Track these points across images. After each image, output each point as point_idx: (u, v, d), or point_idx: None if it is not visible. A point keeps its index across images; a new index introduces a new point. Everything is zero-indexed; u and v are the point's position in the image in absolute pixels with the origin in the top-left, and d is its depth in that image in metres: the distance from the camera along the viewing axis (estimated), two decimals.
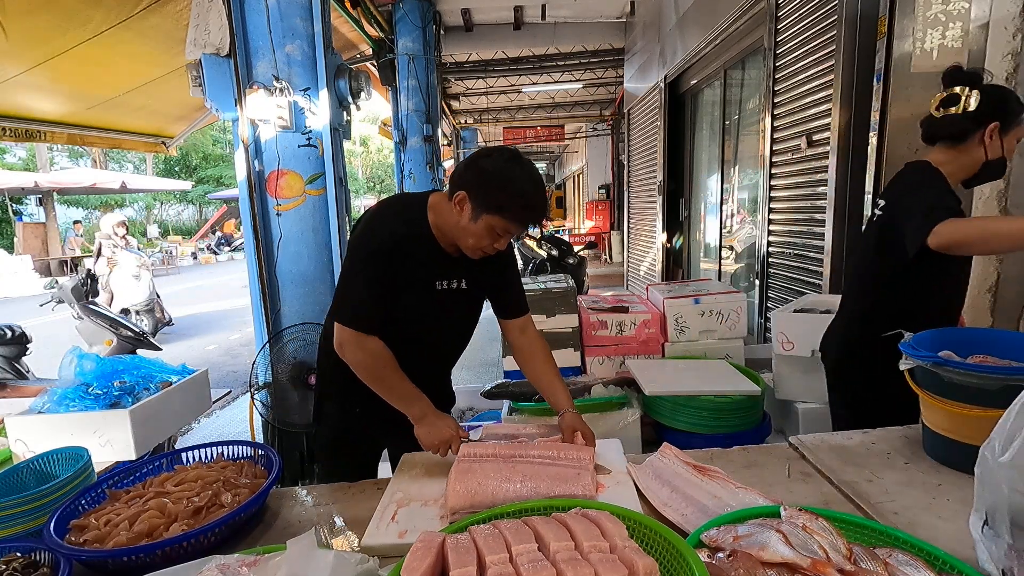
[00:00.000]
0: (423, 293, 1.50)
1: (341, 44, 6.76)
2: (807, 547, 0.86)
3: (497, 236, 1.41)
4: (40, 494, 1.18)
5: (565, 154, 23.65)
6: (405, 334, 1.50)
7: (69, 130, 4.73)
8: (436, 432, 1.42)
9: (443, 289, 1.52)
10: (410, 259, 1.44)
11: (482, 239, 1.41)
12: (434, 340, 1.60)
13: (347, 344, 1.43)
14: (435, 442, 1.42)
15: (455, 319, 1.61)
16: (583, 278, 8.19)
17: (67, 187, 16.02)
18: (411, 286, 1.47)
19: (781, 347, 2.07)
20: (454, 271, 1.52)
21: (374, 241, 1.43)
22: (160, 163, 26.50)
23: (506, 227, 1.39)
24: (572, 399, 1.55)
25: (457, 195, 1.39)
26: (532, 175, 1.40)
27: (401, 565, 0.82)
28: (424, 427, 1.44)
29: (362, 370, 1.45)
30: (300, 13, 2.96)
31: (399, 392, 1.46)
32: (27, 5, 3.12)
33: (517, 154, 1.44)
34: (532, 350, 1.65)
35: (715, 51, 4.80)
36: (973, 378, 1.13)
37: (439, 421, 1.45)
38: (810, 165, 3.15)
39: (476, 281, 1.58)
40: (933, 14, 2.41)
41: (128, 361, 2.01)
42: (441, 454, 1.44)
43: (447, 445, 1.42)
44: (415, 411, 1.46)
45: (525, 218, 1.40)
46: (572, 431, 1.44)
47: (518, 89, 11.90)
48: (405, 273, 1.44)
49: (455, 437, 1.42)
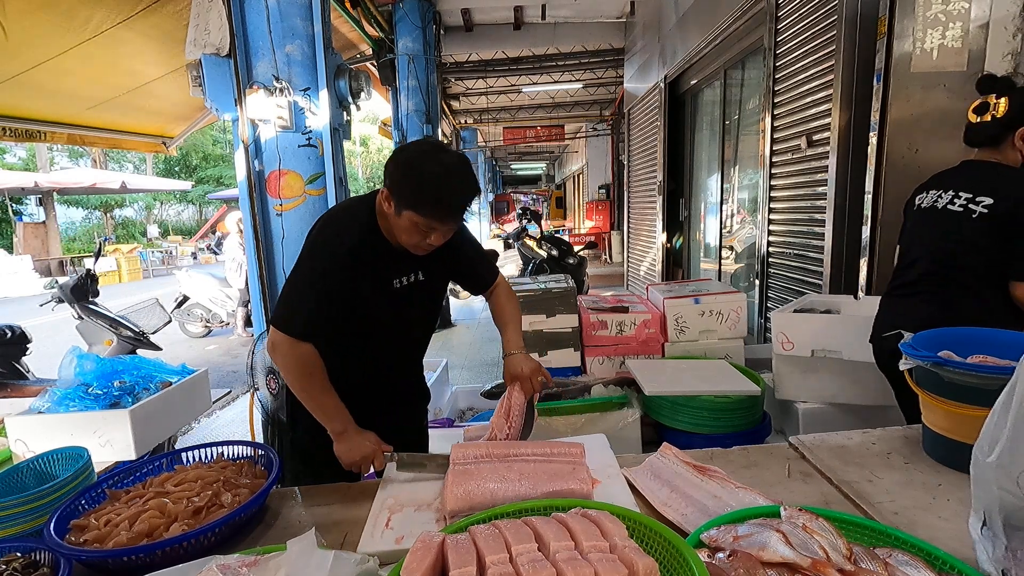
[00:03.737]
0: (381, 294, 1.48)
1: (341, 44, 6.76)
2: (807, 547, 0.86)
3: (423, 232, 1.36)
4: (40, 494, 1.18)
5: (565, 154, 23.65)
6: (370, 335, 1.51)
7: (69, 130, 4.73)
8: (356, 448, 1.40)
9: (401, 286, 1.50)
10: (363, 266, 1.42)
11: (412, 236, 1.37)
12: (400, 335, 1.59)
13: (279, 347, 1.40)
14: (355, 458, 1.40)
15: (417, 312, 1.59)
16: (583, 278, 8.18)
17: (67, 187, 16.03)
18: (370, 290, 1.46)
19: (781, 347, 2.07)
20: (408, 266, 1.50)
21: (325, 254, 1.41)
22: (160, 163, 26.51)
23: (426, 223, 1.34)
24: (523, 342, 1.62)
25: (382, 192, 1.38)
26: (448, 166, 1.34)
27: (401, 565, 0.82)
28: (344, 443, 1.42)
29: (289, 376, 1.43)
30: (300, 13, 2.96)
31: (321, 404, 1.43)
32: (27, 5, 3.12)
33: (437, 145, 1.41)
34: (498, 305, 1.72)
35: (715, 51, 4.80)
36: (973, 378, 1.13)
37: (358, 437, 1.42)
38: (810, 165, 3.15)
39: (432, 271, 1.56)
40: (933, 14, 2.41)
41: (128, 361, 2.01)
42: (362, 471, 1.41)
43: (368, 461, 1.39)
44: (335, 426, 1.43)
45: (437, 213, 1.33)
46: (511, 378, 1.53)
47: (518, 89, 11.90)
48: (360, 280, 1.43)
49: (376, 452, 1.39)
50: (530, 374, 1.56)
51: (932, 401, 1.22)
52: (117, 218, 26.19)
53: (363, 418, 1.48)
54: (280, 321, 1.41)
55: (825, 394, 2.03)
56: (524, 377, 1.55)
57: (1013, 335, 1.33)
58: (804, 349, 2.02)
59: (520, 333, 1.66)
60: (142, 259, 17.43)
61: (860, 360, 1.91)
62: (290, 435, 1.64)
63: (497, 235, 17.40)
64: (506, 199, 22.00)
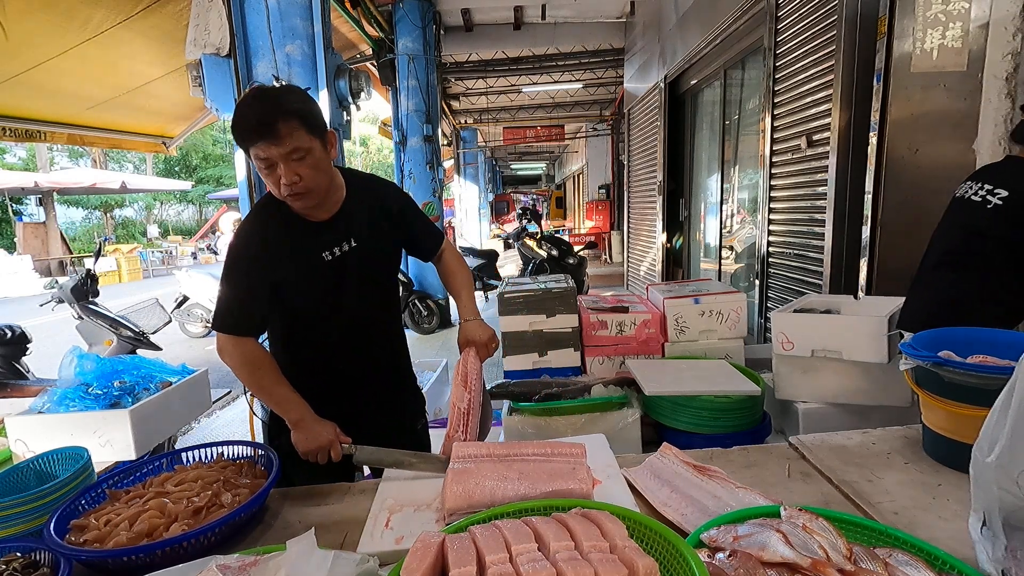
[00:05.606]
0: (314, 270, 1.48)
1: (341, 44, 6.76)
2: (807, 547, 0.86)
3: (267, 167, 1.35)
4: (40, 494, 1.17)
5: (565, 154, 23.64)
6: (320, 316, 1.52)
7: (69, 130, 4.73)
8: (313, 437, 1.40)
9: (333, 258, 1.49)
10: (281, 249, 1.44)
11: (265, 175, 1.37)
12: (350, 309, 1.55)
13: (224, 349, 1.45)
14: (312, 447, 1.40)
15: (358, 280, 1.55)
16: (583, 278, 8.18)
17: (67, 187, 16.04)
18: (302, 269, 1.46)
19: (781, 347, 2.06)
20: (335, 236, 1.50)
21: (239, 252, 1.45)
22: (160, 163, 26.52)
23: (254, 152, 1.33)
24: (476, 308, 1.64)
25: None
26: (250, 93, 1.38)
27: (401, 565, 0.82)
28: (301, 432, 1.42)
29: (240, 374, 1.46)
30: (300, 13, 2.96)
31: (274, 395, 1.45)
32: (27, 5, 3.12)
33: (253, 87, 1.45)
34: (449, 271, 1.74)
35: (715, 51, 4.80)
36: (973, 378, 1.13)
37: (316, 426, 1.42)
38: (810, 165, 3.15)
39: (364, 236, 1.53)
40: (933, 14, 2.41)
41: (128, 361, 2.01)
42: (320, 460, 1.41)
43: (325, 451, 1.39)
44: (292, 415, 1.44)
45: (236, 133, 1.34)
46: (466, 342, 1.56)
47: (518, 89, 11.90)
48: (284, 263, 1.44)
49: (333, 442, 1.39)
50: (487, 341, 1.58)
51: (932, 401, 1.22)
52: (117, 218, 26.20)
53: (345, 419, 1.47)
54: (216, 323, 1.46)
55: (825, 394, 2.02)
56: (480, 344, 1.57)
57: (1013, 335, 1.33)
58: (804, 349, 2.02)
59: (474, 299, 1.69)
60: (142, 259, 17.44)
61: (860, 360, 1.91)
62: (278, 441, 1.63)
63: (497, 235, 17.42)
64: (506, 199, 21.99)
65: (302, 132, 1.33)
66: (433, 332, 7.40)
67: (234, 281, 1.45)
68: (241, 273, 1.44)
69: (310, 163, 1.36)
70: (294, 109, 1.33)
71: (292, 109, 1.33)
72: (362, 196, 1.57)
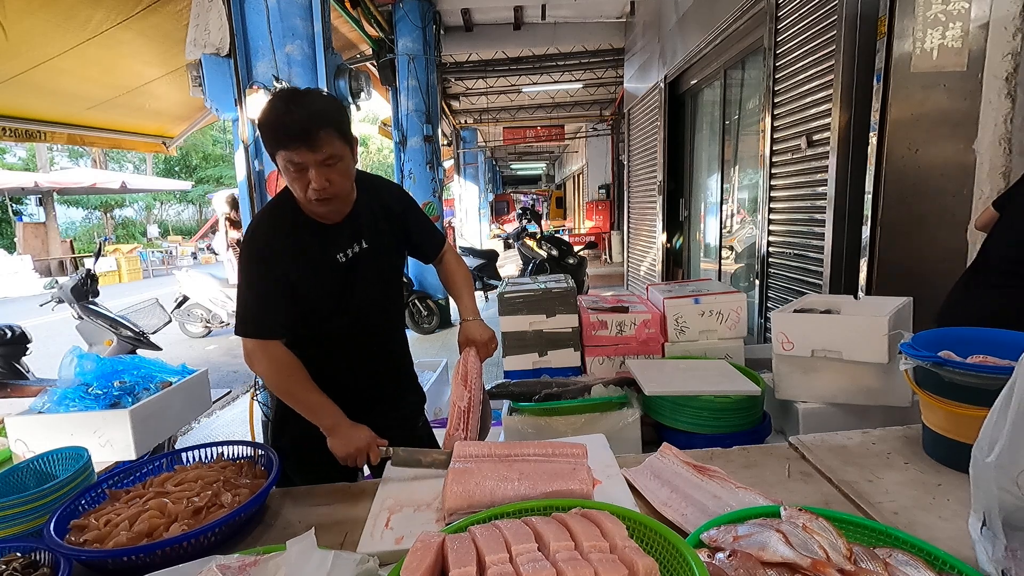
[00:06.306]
0: (329, 271, 1.48)
1: (341, 44, 6.76)
2: (807, 547, 0.86)
3: (296, 171, 1.34)
4: (40, 494, 1.18)
5: (565, 154, 23.64)
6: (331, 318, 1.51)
7: (69, 130, 4.73)
8: (350, 442, 1.39)
9: (347, 259, 1.50)
10: (297, 250, 1.44)
11: (293, 181, 1.36)
12: (362, 311, 1.55)
13: (252, 353, 1.42)
14: (351, 452, 1.39)
15: (371, 282, 1.56)
16: (583, 278, 8.19)
17: (67, 187, 16.04)
18: (316, 270, 1.46)
19: (781, 347, 2.06)
20: (349, 237, 1.50)
21: (254, 254, 1.44)
22: (160, 163, 26.51)
23: (286, 156, 1.32)
24: (476, 308, 1.65)
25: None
26: (282, 96, 1.35)
27: (401, 565, 0.82)
28: (337, 438, 1.41)
29: (269, 380, 1.44)
30: (300, 13, 2.96)
31: (307, 402, 1.44)
32: (27, 5, 3.12)
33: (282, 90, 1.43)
34: (450, 271, 1.75)
35: (715, 51, 4.80)
36: (973, 378, 1.13)
37: (352, 431, 1.41)
38: (810, 165, 3.15)
39: (375, 237, 1.54)
40: (933, 14, 2.41)
41: (128, 361, 2.01)
42: (359, 465, 1.40)
43: (363, 454, 1.39)
44: (327, 422, 1.43)
45: (272, 137, 1.33)
46: (466, 342, 1.56)
47: (518, 89, 11.90)
48: (300, 264, 1.44)
49: (371, 445, 1.39)
50: (487, 341, 1.59)
51: (932, 401, 1.22)
52: (117, 218, 26.21)
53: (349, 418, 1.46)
54: (240, 329, 1.43)
55: (825, 394, 2.02)
56: (480, 343, 1.58)
57: (1013, 335, 1.33)
58: (804, 349, 2.02)
59: (474, 299, 1.70)
60: (142, 259, 17.44)
61: (860, 360, 1.91)
62: (281, 440, 1.63)
63: (497, 235, 17.41)
64: (506, 199, 21.99)
65: (337, 140, 1.35)
66: (433, 332, 7.41)
67: (253, 282, 1.43)
68: (259, 274, 1.43)
69: (340, 169, 1.37)
70: (332, 118, 1.34)
71: (330, 118, 1.34)
72: (369, 197, 1.57)
